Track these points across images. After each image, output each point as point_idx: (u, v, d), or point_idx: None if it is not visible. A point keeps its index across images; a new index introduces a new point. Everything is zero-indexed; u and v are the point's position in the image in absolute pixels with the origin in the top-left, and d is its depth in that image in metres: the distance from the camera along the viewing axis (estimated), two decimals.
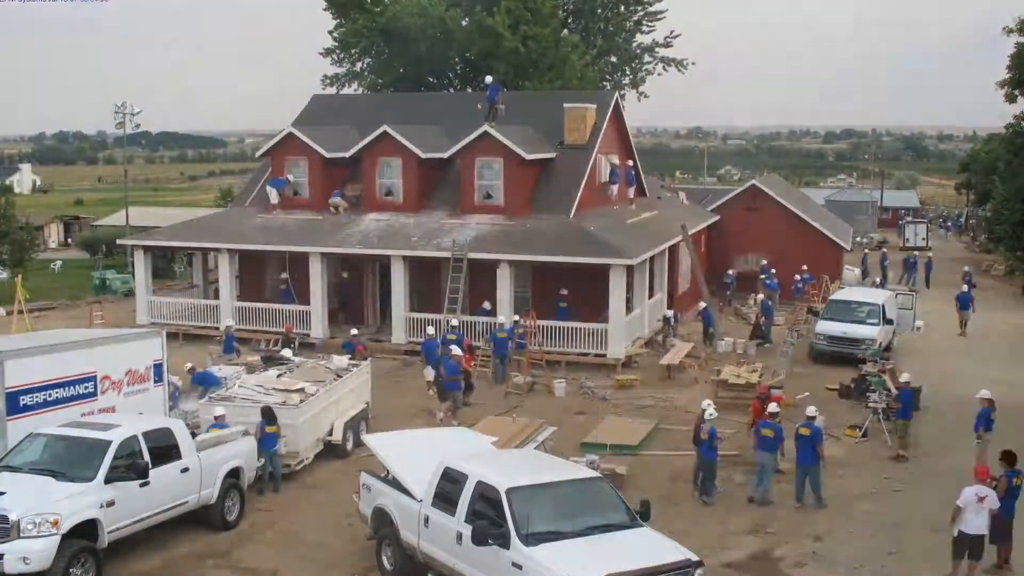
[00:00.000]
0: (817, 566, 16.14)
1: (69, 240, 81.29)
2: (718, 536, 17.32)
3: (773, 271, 40.78)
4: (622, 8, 57.45)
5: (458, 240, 30.85)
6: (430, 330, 28.36)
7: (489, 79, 36.27)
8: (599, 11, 57.26)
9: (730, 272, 41.16)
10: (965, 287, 37.68)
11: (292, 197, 34.64)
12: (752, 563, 16.28)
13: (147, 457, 15.91)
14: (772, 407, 19.46)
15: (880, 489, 19.77)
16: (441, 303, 32.30)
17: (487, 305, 30.23)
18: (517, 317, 29.05)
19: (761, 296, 35.91)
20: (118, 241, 39.66)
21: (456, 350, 24.24)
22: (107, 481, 15.15)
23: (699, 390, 26.51)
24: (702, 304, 33.66)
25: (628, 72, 59.54)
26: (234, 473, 17.88)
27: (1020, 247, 49.64)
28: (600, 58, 56.59)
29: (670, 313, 33.29)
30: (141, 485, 15.62)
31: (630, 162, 37.68)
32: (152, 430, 16.51)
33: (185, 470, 16.64)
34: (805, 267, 41.00)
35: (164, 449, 16.42)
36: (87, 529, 14.72)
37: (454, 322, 28.50)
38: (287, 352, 24.36)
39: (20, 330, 32.62)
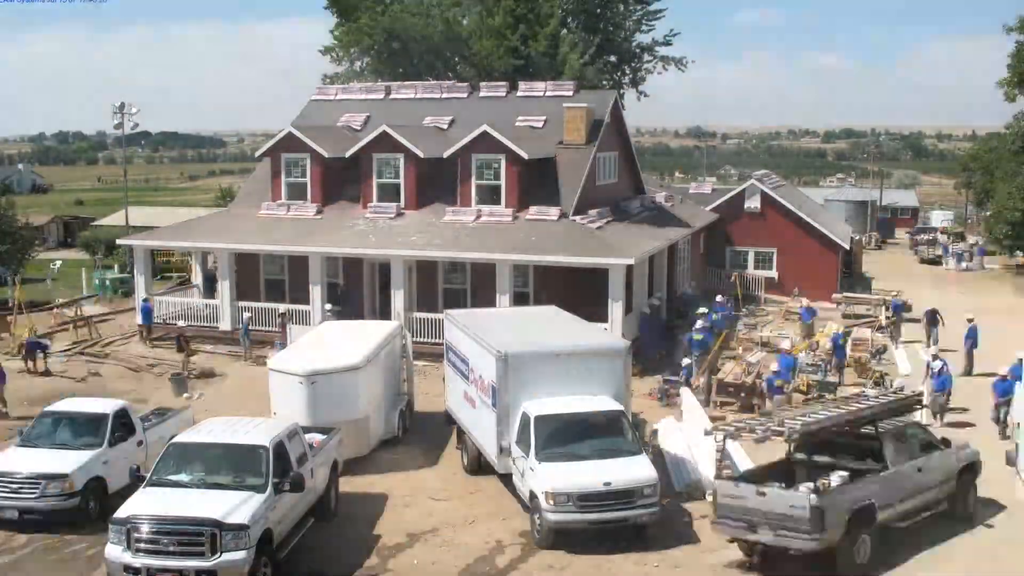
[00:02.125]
0: (816, 566, 16.13)
1: (69, 240, 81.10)
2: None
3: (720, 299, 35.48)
4: (621, 7, 57.50)
5: None
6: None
7: None
8: (598, 11, 57.30)
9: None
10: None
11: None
12: (752, 563, 16.26)
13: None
14: None
15: None
16: (439, 302, 32.35)
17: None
18: None
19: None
20: (118, 241, 39.55)
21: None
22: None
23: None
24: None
25: (628, 71, 59.60)
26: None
27: (1021, 247, 49.67)
28: (599, 57, 56.62)
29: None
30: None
31: None
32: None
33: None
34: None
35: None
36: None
37: None
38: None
39: (21, 330, 32.68)
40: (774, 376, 24.42)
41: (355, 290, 33.79)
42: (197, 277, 37.78)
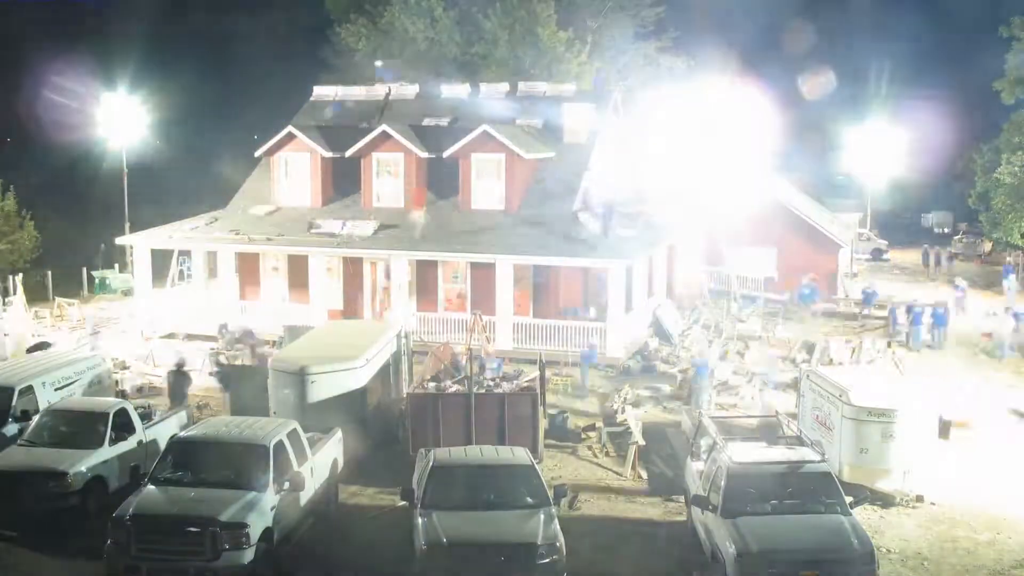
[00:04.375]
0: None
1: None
2: None
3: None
4: (621, 7, 57.41)
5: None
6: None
7: None
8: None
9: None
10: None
11: None
12: None
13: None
14: None
15: None
16: (439, 302, 32.42)
17: None
18: None
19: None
20: (117, 240, 39.47)
21: None
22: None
23: None
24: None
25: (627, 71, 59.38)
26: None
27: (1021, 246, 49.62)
28: (597, 56, 56.52)
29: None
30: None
31: None
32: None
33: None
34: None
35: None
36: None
37: None
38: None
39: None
40: None
41: (357, 291, 33.93)
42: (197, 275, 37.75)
